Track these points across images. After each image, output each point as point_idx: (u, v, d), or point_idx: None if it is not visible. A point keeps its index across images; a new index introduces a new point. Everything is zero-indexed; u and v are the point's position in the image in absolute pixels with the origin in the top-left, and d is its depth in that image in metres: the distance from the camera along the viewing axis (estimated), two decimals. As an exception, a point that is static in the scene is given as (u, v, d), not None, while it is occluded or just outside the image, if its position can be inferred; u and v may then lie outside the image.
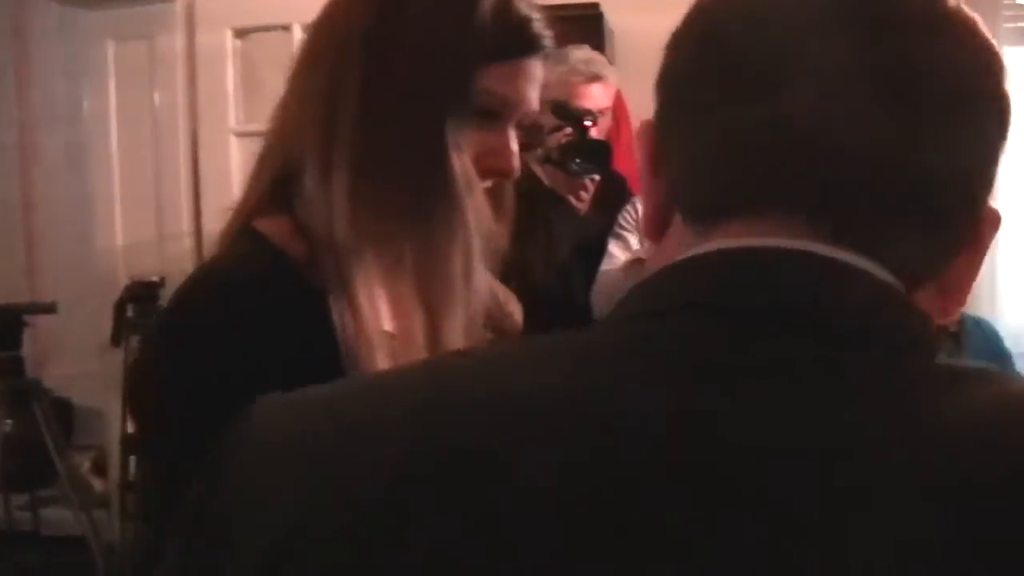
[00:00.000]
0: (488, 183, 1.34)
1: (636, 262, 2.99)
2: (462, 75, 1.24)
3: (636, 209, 3.20)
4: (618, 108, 4.38)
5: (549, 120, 3.23)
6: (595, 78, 3.28)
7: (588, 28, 4.31)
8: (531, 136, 3.38)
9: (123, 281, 4.42)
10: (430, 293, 1.24)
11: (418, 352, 1.22)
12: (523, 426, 0.61)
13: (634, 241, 3.14)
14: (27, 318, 4.41)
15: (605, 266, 3.11)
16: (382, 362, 1.18)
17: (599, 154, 3.15)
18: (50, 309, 4.38)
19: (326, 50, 1.27)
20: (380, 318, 1.20)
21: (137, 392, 1.22)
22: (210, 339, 1.16)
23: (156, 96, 5.01)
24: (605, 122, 3.30)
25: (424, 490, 0.60)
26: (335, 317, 1.19)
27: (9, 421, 4.27)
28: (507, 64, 1.27)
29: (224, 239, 1.28)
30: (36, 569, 4.26)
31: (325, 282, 1.21)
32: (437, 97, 1.23)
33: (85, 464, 4.63)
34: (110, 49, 5.09)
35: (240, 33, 4.86)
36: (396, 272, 1.22)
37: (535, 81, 1.32)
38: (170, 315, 1.22)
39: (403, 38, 1.24)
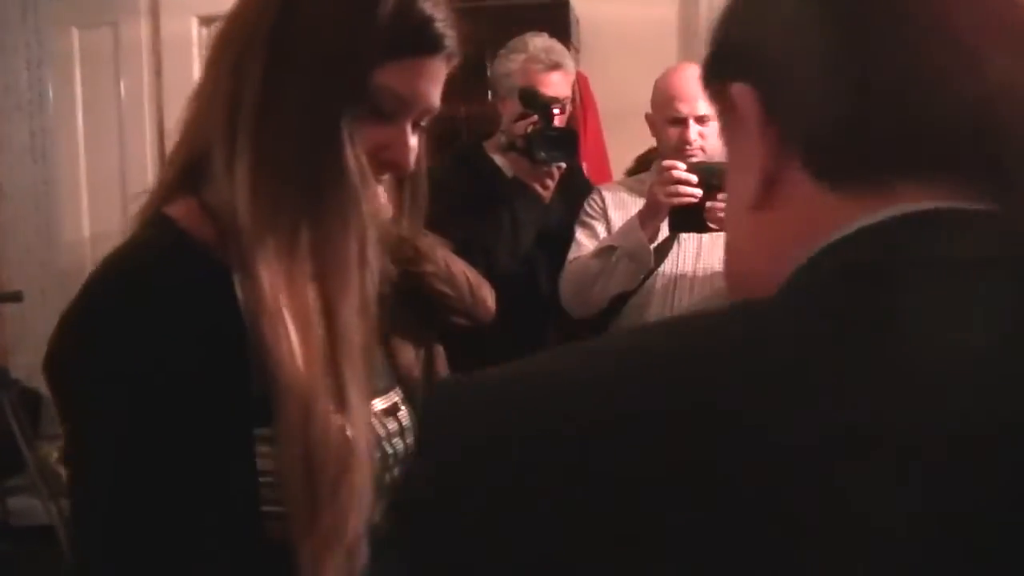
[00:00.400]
0: (385, 176, 1.38)
1: (607, 250, 3.01)
2: (359, 70, 1.26)
3: (602, 197, 3.21)
4: (584, 96, 4.40)
5: (512, 108, 3.24)
6: (555, 66, 3.28)
7: (555, 16, 4.33)
8: (488, 125, 3.40)
9: (89, 270, 4.39)
10: (325, 278, 1.27)
11: (314, 332, 1.25)
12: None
13: (601, 229, 3.15)
14: (-7, 307, 4.39)
15: (573, 254, 3.11)
16: (285, 337, 1.22)
17: (566, 142, 3.16)
18: (16, 298, 4.36)
19: (234, 41, 1.30)
20: (280, 296, 1.23)
21: (54, 382, 1.25)
22: (117, 325, 1.20)
23: (122, 84, 4.99)
24: (565, 110, 3.31)
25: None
26: (239, 293, 1.23)
27: (-24, 409, 4.26)
28: (406, 62, 1.29)
29: (135, 224, 1.32)
30: (5, 559, 4.25)
31: (231, 260, 1.25)
32: (333, 91, 1.25)
33: (54, 454, 4.61)
34: (75, 37, 5.06)
35: (206, 21, 4.84)
36: (292, 254, 1.25)
37: (436, 80, 1.34)
38: (77, 305, 1.24)
39: (303, 32, 1.26)
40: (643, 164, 3.47)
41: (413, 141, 1.36)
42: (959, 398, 0.59)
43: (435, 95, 1.35)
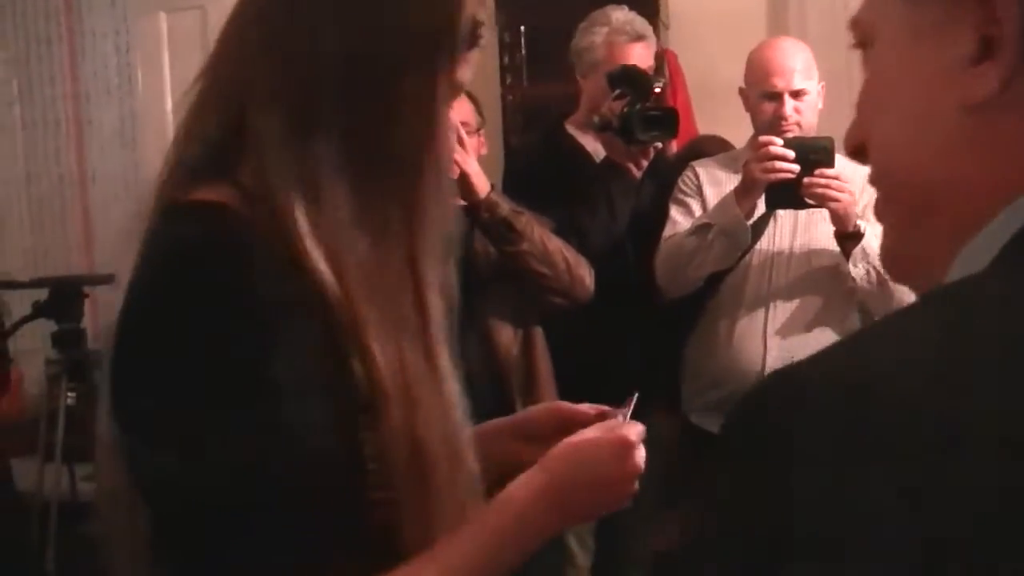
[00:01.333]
0: None
1: (702, 227, 2.97)
2: (453, 57, 1.22)
3: (696, 174, 3.16)
4: (673, 73, 4.35)
5: (595, 83, 3.20)
6: (639, 38, 3.25)
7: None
8: (572, 103, 3.37)
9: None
10: (417, 264, 1.23)
11: (409, 319, 1.22)
12: None
13: (696, 206, 3.11)
14: (86, 290, 4.45)
15: (668, 232, 3.07)
16: (376, 326, 1.16)
17: (667, 122, 3.11)
18: (108, 280, 4.40)
19: (298, 4, 1.20)
20: (370, 283, 1.17)
21: (148, 368, 1.15)
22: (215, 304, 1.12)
23: (210, 67, 5.02)
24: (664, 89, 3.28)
25: None
26: (314, 276, 1.14)
27: (71, 393, 4.32)
28: (468, 56, 1.26)
29: (159, 213, 1.19)
30: (101, 539, 4.29)
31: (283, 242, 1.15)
32: (434, 78, 1.21)
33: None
34: (162, 21, 5.10)
35: (293, 3, 4.84)
36: (383, 240, 1.20)
37: None
38: (154, 297, 1.16)
39: (390, 12, 1.20)
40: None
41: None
42: None
43: None
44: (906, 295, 2.92)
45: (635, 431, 1.32)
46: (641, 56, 3.23)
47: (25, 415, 4.90)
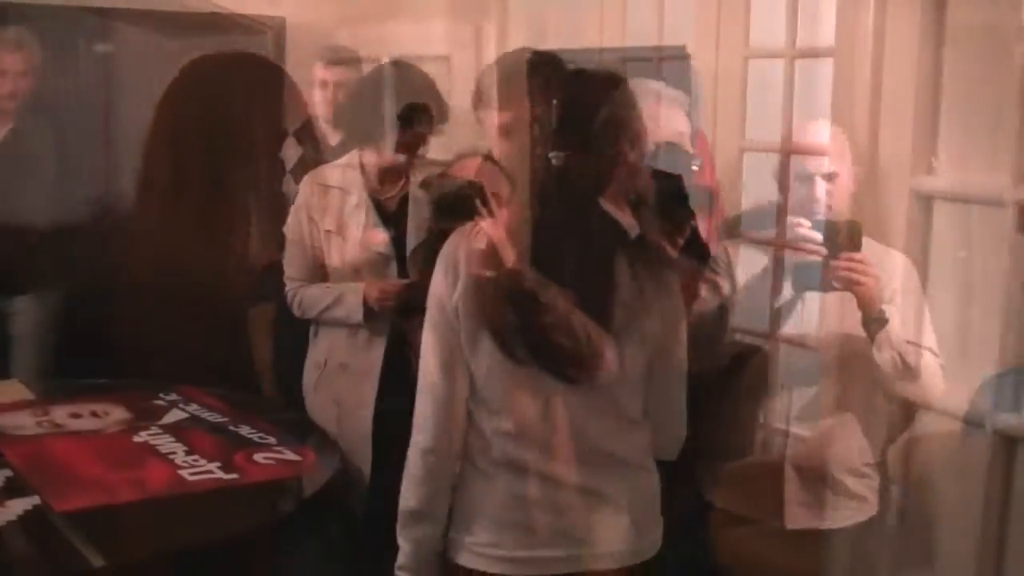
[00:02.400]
0: None
1: (724, 306, 2.98)
2: None
3: (727, 253, 3.17)
4: (703, 151, 4.36)
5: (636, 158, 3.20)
6: (669, 105, 3.23)
7: (673, 68, 4.30)
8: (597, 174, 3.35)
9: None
10: None
11: None
12: None
13: (725, 285, 3.11)
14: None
15: (697, 307, 3.07)
16: None
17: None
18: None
19: None
20: None
21: None
22: None
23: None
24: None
25: None
26: None
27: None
28: None
29: None
30: None
31: None
32: None
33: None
34: (202, 81, 5.13)
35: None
36: None
37: None
38: None
39: None
40: None
41: None
42: None
43: None
44: (933, 381, 2.90)
45: None
46: (675, 121, 3.21)
47: None
